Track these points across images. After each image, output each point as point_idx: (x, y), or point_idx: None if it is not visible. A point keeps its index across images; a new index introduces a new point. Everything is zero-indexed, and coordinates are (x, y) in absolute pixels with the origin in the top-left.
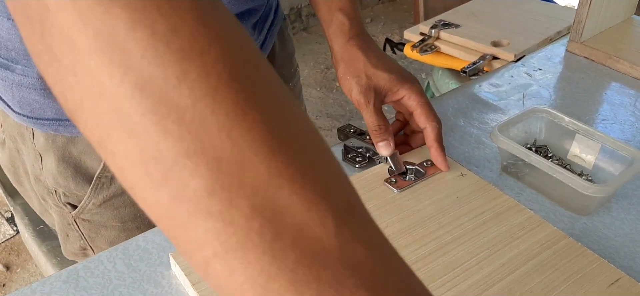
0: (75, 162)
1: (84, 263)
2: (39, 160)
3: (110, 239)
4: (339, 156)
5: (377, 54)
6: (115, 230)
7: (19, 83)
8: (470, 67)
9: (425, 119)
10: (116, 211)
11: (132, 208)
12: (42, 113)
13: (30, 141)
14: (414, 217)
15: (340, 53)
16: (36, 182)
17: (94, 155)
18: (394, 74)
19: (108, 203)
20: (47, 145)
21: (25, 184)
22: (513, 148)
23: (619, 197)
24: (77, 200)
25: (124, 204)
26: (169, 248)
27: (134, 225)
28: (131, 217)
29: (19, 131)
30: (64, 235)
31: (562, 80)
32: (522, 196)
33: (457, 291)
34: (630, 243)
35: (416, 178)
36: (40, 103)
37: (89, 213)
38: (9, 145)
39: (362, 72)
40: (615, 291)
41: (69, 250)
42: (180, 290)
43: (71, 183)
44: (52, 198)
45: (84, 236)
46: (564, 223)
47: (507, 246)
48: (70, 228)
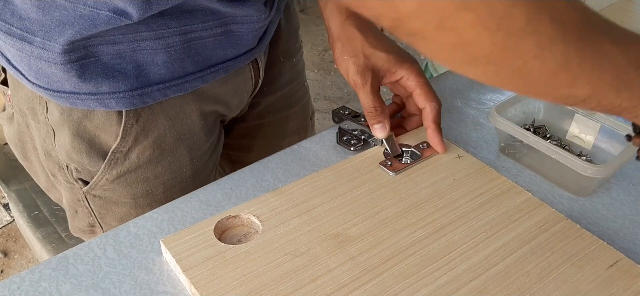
0: (90, 137)
1: (73, 250)
2: (51, 135)
3: (120, 216)
4: (333, 139)
5: (375, 34)
6: (126, 206)
7: (37, 56)
8: None
9: (425, 99)
10: (128, 187)
11: (144, 184)
12: (60, 86)
13: (42, 115)
14: (409, 199)
15: (337, 32)
16: (46, 157)
17: (109, 130)
18: (393, 53)
19: (121, 179)
20: (62, 120)
21: (32, 159)
22: (511, 129)
23: (618, 177)
24: (89, 176)
25: (136, 180)
26: (159, 235)
27: (146, 202)
28: (143, 194)
29: (30, 105)
30: (72, 211)
31: None
32: (520, 177)
33: (454, 274)
34: (630, 225)
35: (412, 161)
36: (59, 77)
37: (100, 190)
38: (18, 120)
39: (360, 52)
40: (614, 273)
41: (77, 227)
42: (171, 276)
43: (85, 158)
44: (63, 173)
45: (93, 213)
46: (562, 204)
47: (504, 228)
48: (79, 204)
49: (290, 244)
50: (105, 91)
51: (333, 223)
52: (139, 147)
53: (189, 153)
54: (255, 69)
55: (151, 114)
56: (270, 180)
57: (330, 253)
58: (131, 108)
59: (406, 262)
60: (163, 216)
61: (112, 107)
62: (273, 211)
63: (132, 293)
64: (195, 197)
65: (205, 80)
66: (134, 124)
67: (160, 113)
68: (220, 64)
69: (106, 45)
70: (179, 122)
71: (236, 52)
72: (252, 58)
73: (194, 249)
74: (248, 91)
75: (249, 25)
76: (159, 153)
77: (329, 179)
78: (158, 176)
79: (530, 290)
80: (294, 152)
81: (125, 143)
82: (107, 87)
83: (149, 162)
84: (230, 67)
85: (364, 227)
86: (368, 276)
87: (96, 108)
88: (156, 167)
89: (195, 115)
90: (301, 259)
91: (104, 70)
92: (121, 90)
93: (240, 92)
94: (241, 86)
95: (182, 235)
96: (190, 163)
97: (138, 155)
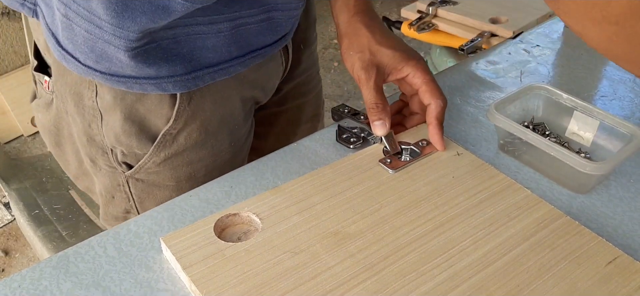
0: (140, 120)
1: (74, 248)
2: (97, 120)
3: (161, 200)
4: (332, 137)
5: (382, 31)
6: (168, 190)
7: (106, 41)
8: (468, 44)
9: (430, 96)
10: (173, 170)
11: (188, 167)
12: (120, 71)
13: (90, 100)
14: (409, 197)
15: (345, 28)
16: (88, 143)
17: (160, 113)
18: (399, 51)
19: (167, 162)
20: (114, 103)
21: (65, 147)
22: (510, 126)
23: (617, 174)
24: (135, 160)
25: (182, 163)
26: (159, 233)
27: (188, 185)
28: (186, 177)
29: (76, 90)
30: (108, 197)
31: (561, 57)
32: (520, 175)
33: (453, 271)
34: (629, 221)
35: (411, 158)
36: (123, 62)
37: (145, 173)
38: (58, 106)
39: (366, 48)
40: (613, 269)
41: (110, 214)
42: (171, 274)
43: (134, 141)
44: (106, 158)
45: (132, 197)
46: (561, 201)
47: (503, 226)
48: (118, 189)
49: (290, 242)
50: (164, 75)
51: (332, 220)
52: (188, 129)
53: (229, 137)
54: (286, 54)
55: (201, 97)
56: (269, 178)
57: (330, 251)
58: (185, 91)
59: (405, 259)
60: (163, 214)
61: (169, 90)
62: (273, 209)
63: (132, 291)
64: (195, 195)
65: (246, 64)
66: (186, 106)
67: (207, 96)
68: (259, 50)
69: (165, 30)
70: (222, 105)
71: (273, 38)
72: (284, 43)
73: (194, 247)
74: (279, 75)
75: (288, 12)
76: (204, 136)
77: (328, 177)
78: (202, 159)
79: (529, 286)
80: (294, 150)
81: (176, 126)
82: (165, 71)
83: (194, 144)
84: (267, 52)
85: (364, 225)
86: (367, 274)
87: (153, 92)
88: (201, 150)
89: (236, 99)
90: (301, 257)
91: (164, 55)
92: (178, 74)
93: (273, 77)
94: (274, 71)
95: (182, 233)
96: (230, 146)
97: (186, 137)
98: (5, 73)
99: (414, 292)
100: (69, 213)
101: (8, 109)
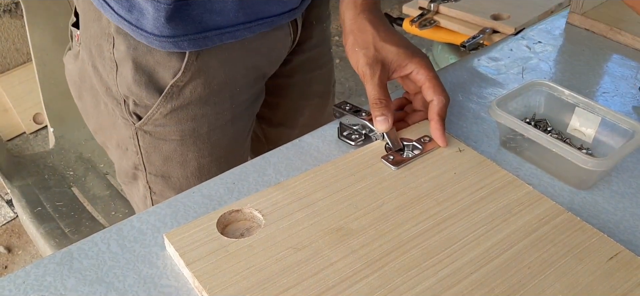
0: (150, 71)
1: (77, 244)
2: (113, 70)
3: (166, 154)
4: (334, 134)
5: (387, 28)
6: (173, 144)
7: None
8: (469, 41)
9: (433, 92)
10: (178, 124)
11: (192, 122)
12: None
13: (108, 51)
14: (411, 193)
15: (350, 25)
16: (107, 93)
17: (169, 65)
18: (403, 48)
19: (173, 114)
20: (127, 54)
21: (86, 99)
22: (511, 123)
23: (619, 170)
24: (144, 111)
25: (186, 118)
26: (163, 229)
27: (191, 140)
28: (190, 132)
29: (97, 42)
30: (122, 150)
31: (563, 53)
32: (521, 171)
33: (454, 267)
34: (630, 217)
35: (413, 155)
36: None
37: (152, 124)
38: (83, 57)
39: (371, 44)
40: (614, 265)
41: (123, 170)
42: (174, 270)
43: (143, 91)
44: (120, 108)
45: (140, 151)
46: (563, 197)
47: (505, 221)
48: (130, 141)
49: (293, 238)
50: (180, 34)
51: (335, 217)
52: (193, 83)
53: (230, 99)
54: (294, 27)
55: (208, 55)
56: (272, 174)
57: (332, 247)
58: (196, 49)
59: (407, 255)
60: (166, 211)
61: (184, 48)
62: (275, 205)
63: (136, 287)
64: (198, 191)
65: (253, 30)
66: (194, 61)
67: (214, 55)
68: (266, 18)
69: None
70: (226, 66)
71: (281, 10)
72: (293, 17)
73: (197, 243)
74: (286, 47)
75: None
76: (208, 92)
77: (330, 173)
78: (204, 115)
79: (531, 281)
80: (296, 147)
81: (183, 79)
82: (182, 30)
83: (198, 99)
84: (274, 22)
85: (366, 221)
86: (370, 269)
87: (171, 50)
88: (204, 106)
89: (240, 65)
90: (303, 253)
91: (181, 16)
92: (191, 33)
93: (279, 47)
94: (280, 41)
95: (185, 229)
96: (231, 108)
97: (191, 91)
98: (8, 70)
99: (417, 288)
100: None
101: (10, 107)
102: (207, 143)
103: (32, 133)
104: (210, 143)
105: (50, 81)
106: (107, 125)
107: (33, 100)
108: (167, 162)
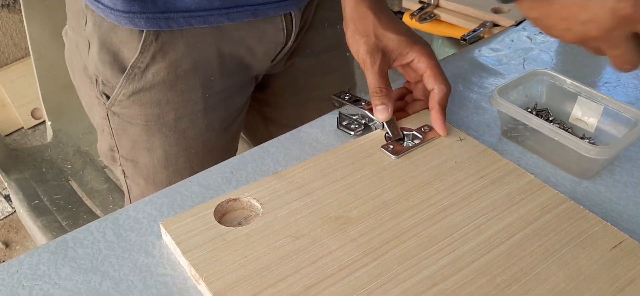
0: (114, 50)
1: (72, 233)
2: (87, 48)
3: (133, 138)
4: (334, 124)
5: (388, 16)
6: (139, 128)
7: None
8: (470, 34)
9: (434, 81)
10: (142, 107)
11: (156, 108)
12: None
13: (82, 29)
14: (411, 182)
15: (351, 13)
16: (84, 72)
17: (131, 45)
18: (404, 36)
19: (136, 97)
20: (93, 31)
21: (76, 78)
22: (513, 112)
23: (622, 159)
24: (110, 91)
25: (150, 101)
26: (159, 218)
27: (156, 127)
28: (155, 118)
29: (77, 21)
30: (100, 130)
31: (564, 44)
32: (523, 160)
33: (456, 255)
34: (634, 206)
35: (414, 144)
36: None
37: (119, 106)
38: (70, 36)
39: (371, 32)
40: (617, 253)
41: (102, 150)
42: (171, 258)
43: (108, 70)
44: (93, 88)
45: (112, 133)
46: (565, 187)
47: (506, 210)
48: (104, 122)
49: (291, 226)
50: (136, 11)
51: (334, 205)
52: (156, 66)
53: (201, 87)
54: (289, 22)
55: (170, 37)
56: (270, 164)
57: (331, 235)
58: (157, 29)
59: (407, 244)
60: (162, 200)
61: (141, 26)
62: (273, 194)
63: (131, 276)
64: (195, 180)
65: (231, 18)
66: (153, 42)
67: (180, 38)
68: (247, 6)
69: None
70: (196, 51)
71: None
72: (285, 10)
73: (194, 231)
74: (277, 43)
75: None
76: (173, 76)
77: (329, 162)
78: (170, 101)
79: (533, 270)
80: (294, 137)
81: (143, 59)
82: (137, 7)
83: (163, 83)
84: (258, 11)
85: (365, 209)
86: (369, 258)
87: (126, 26)
88: (169, 92)
89: (212, 50)
90: (302, 241)
91: None
92: (149, 11)
93: (267, 41)
94: (269, 35)
95: (182, 217)
96: (202, 97)
97: (154, 74)
98: (6, 65)
99: (416, 276)
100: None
101: (8, 102)
102: (173, 131)
103: (30, 128)
104: (177, 131)
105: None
106: (90, 105)
107: (31, 95)
108: (135, 146)
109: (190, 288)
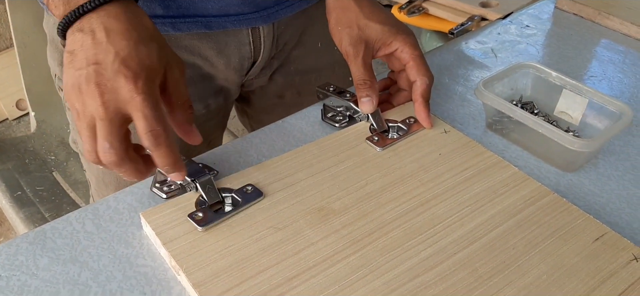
0: (61, 49)
1: (51, 224)
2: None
3: None
4: (318, 115)
5: (371, 5)
6: None
7: None
8: (458, 28)
9: (417, 72)
10: None
11: None
12: None
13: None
14: (395, 174)
15: (333, 2)
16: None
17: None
18: (388, 25)
19: None
20: (47, 27)
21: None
22: (498, 104)
23: (605, 153)
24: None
25: None
26: (140, 208)
27: None
28: None
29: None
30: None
31: (551, 37)
32: (507, 153)
33: (438, 247)
34: (616, 199)
35: (398, 136)
36: None
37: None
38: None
39: (354, 23)
40: (599, 246)
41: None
42: (151, 249)
43: (57, 66)
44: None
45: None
46: (549, 179)
47: (490, 202)
48: (68, 114)
49: (273, 217)
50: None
51: (317, 197)
52: None
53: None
54: (257, 37)
55: None
56: (253, 155)
57: (314, 227)
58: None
59: (390, 235)
60: (144, 190)
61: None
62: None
63: (111, 267)
64: None
65: (178, 28)
66: None
67: None
68: (200, 17)
69: None
70: None
71: (219, 12)
72: (246, 25)
73: (175, 222)
74: (243, 57)
75: None
76: None
77: (313, 153)
78: None
79: (515, 262)
80: (279, 128)
81: None
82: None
83: None
84: (213, 23)
85: (349, 201)
86: (352, 249)
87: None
88: None
89: None
90: (284, 232)
91: None
92: None
93: (229, 54)
94: (231, 48)
95: (163, 208)
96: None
97: None
98: None
99: (399, 267)
100: (52, 195)
101: None
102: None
103: (15, 119)
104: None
105: (31, 64)
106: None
107: (16, 86)
108: None
109: (170, 279)
